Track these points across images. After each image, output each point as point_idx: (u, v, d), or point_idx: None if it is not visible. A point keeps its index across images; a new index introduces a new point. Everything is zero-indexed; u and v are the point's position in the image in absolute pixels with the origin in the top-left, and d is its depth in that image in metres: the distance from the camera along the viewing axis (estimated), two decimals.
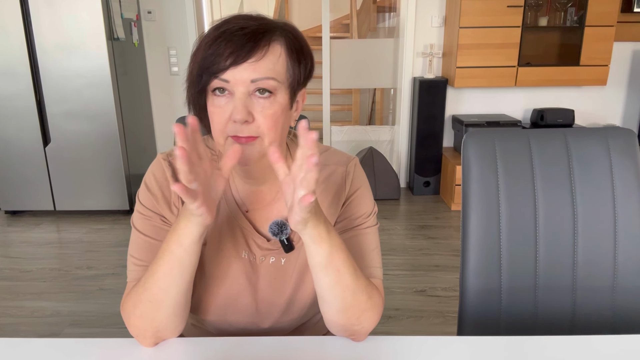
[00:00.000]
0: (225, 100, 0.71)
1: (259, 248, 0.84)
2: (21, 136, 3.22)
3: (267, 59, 0.70)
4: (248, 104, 0.70)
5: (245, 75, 0.69)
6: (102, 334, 2.05)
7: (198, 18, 3.69)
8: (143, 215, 0.82)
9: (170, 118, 3.81)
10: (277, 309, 0.85)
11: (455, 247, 2.85)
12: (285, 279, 0.84)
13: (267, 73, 0.70)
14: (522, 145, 1.04)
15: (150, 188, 0.82)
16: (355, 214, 0.85)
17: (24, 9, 2.99)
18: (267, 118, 0.71)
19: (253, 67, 0.69)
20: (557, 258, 1.03)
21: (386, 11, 5.38)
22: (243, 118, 0.70)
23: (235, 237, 0.83)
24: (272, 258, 0.84)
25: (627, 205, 1.01)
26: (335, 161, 0.88)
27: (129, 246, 0.83)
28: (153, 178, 0.83)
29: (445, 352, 0.77)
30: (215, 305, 0.84)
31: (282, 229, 0.81)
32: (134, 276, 0.80)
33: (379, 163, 3.63)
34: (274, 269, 0.84)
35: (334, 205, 0.85)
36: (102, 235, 3.09)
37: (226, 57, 0.69)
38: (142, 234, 0.82)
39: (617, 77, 3.73)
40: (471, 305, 1.04)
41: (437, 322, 2.11)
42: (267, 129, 0.72)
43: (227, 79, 0.70)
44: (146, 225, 0.82)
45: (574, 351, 0.77)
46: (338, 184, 0.85)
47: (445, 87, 3.56)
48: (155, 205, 0.82)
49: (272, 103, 0.72)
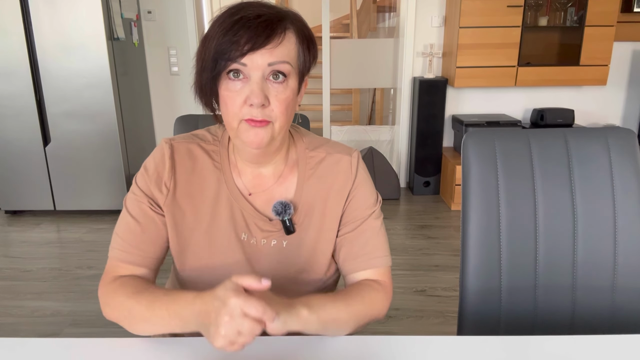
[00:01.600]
0: (241, 85, 0.74)
1: (260, 230, 0.85)
2: (21, 136, 3.22)
3: (283, 46, 0.73)
4: (264, 88, 0.73)
5: (263, 60, 0.72)
6: (102, 334, 2.05)
7: (198, 18, 3.69)
8: (135, 196, 0.85)
9: (171, 118, 3.81)
10: (279, 289, 0.86)
11: (455, 247, 2.85)
12: (288, 261, 0.86)
13: (283, 57, 0.73)
14: (522, 145, 1.04)
15: (147, 169, 0.85)
16: (362, 205, 0.88)
17: (24, 9, 2.99)
18: (281, 102, 0.75)
19: (270, 52, 0.72)
20: (557, 258, 1.03)
21: (386, 11, 5.38)
22: (260, 102, 0.73)
23: (235, 220, 0.85)
24: (273, 241, 0.86)
25: (627, 205, 1.01)
26: (339, 150, 0.91)
27: (116, 223, 0.86)
28: (152, 160, 0.86)
29: (445, 352, 0.77)
30: (213, 285, 0.84)
31: (286, 209, 0.84)
32: (114, 255, 0.84)
33: (379, 163, 3.63)
34: (276, 251, 0.86)
35: (341, 193, 0.88)
36: (102, 235, 3.09)
37: (244, 44, 0.71)
38: (129, 214, 0.84)
39: (617, 77, 3.73)
40: (471, 305, 1.04)
41: (437, 322, 2.11)
42: (280, 113, 0.75)
43: (245, 62, 0.72)
44: (134, 207, 0.84)
45: (574, 351, 0.77)
46: (344, 172, 0.88)
47: (445, 87, 3.56)
48: (147, 186, 0.84)
49: (285, 88, 0.75)
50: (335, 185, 0.87)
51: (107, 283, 0.82)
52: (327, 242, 0.88)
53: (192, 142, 0.87)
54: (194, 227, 0.85)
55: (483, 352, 0.77)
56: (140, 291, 0.77)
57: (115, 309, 0.79)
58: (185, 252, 0.85)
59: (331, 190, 0.87)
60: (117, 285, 0.80)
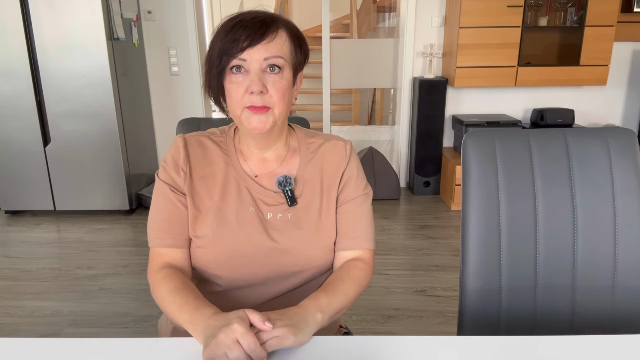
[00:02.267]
0: (242, 77, 0.86)
1: (266, 205, 0.96)
2: (21, 136, 3.22)
3: (276, 42, 0.86)
4: (262, 78, 0.86)
5: (259, 55, 0.85)
6: (102, 334, 2.05)
7: (198, 18, 3.69)
8: (159, 188, 0.96)
9: (170, 118, 3.81)
10: (287, 258, 0.94)
11: (455, 247, 2.85)
12: (294, 231, 0.94)
13: (277, 52, 0.86)
14: (522, 145, 1.04)
15: (166, 161, 0.97)
16: (353, 186, 0.99)
17: (24, 9, 2.99)
18: (278, 90, 0.87)
19: (265, 47, 0.85)
20: (557, 258, 1.03)
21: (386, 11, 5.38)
22: (259, 89, 0.85)
23: (242, 196, 0.96)
24: (279, 214, 0.95)
25: (627, 205, 1.01)
26: (335, 138, 1.02)
27: (148, 217, 0.98)
28: (169, 154, 0.97)
29: (445, 352, 0.77)
30: (226, 254, 0.93)
31: (287, 180, 0.95)
32: (153, 244, 0.95)
33: (379, 163, 3.63)
34: (282, 222, 0.95)
35: (337, 172, 0.98)
36: (102, 235, 3.09)
37: (243, 40, 0.84)
38: (158, 206, 0.96)
39: (617, 77, 3.73)
40: (471, 305, 1.04)
41: (437, 322, 2.11)
42: (278, 99, 0.87)
43: (244, 57, 0.85)
44: (160, 198, 0.96)
45: (574, 351, 0.77)
46: (340, 155, 1.00)
47: (445, 87, 3.56)
48: (168, 175, 0.95)
49: (281, 78, 0.87)
50: (332, 164, 0.99)
51: (155, 271, 0.92)
52: (329, 216, 0.97)
53: (202, 136, 1.00)
54: (208, 204, 0.95)
55: (483, 352, 0.77)
56: (178, 289, 0.86)
57: (157, 297, 0.90)
58: (197, 220, 0.94)
59: (329, 170, 0.99)
60: (161, 277, 0.90)
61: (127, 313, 2.20)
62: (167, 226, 0.94)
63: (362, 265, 0.96)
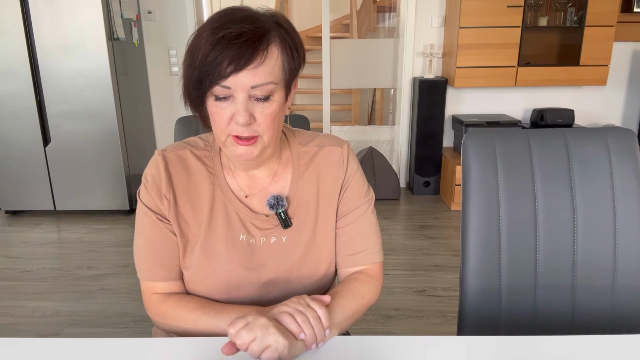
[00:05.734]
0: (227, 103, 0.75)
1: (258, 229, 0.87)
2: (21, 136, 3.22)
3: (266, 64, 0.73)
4: (249, 107, 0.75)
5: (247, 82, 0.73)
6: (102, 334, 2.05)
7: (198, 18, 3.69)
8: (143, 214, 0.88)
9: (170, 118, 3.81)
10: (284, 284, 0.88)
11: (455, 247, 2.85)
12: (290, 256, 0.88)
13: (266, 78, 0.73)
14: (522, 145, 1.04)
15: (146, 185, 0.87)
16: (355, 196, 0.91)
17: (24, 9, 2.99)
18: (266, 118, 0.76)
19: (253, 73, 0.72)
20: (557, 258, 1.03)
21: (386, 11, 5.39)
22: (246, 121, 0.74)
23: (231, 222, 0.87)
24: (273, 238, 0.87)
25: (627, 205, 1.01)
26: (331, 143, 0.93)
27: (134, 243, 0.89)
28: (149, 174, 0.87)
29: (445, 352, 0.77)
30: (218, 287, 0.87)
31: (279, 202, 0.86)
32: (145, 276, 0.88)
33: (379, 163, 3.63)
34: (277, 247, 0.88)
35: (335, 184, 0.90)
36: (102, 235, 3.09)
37: (227, 65, 0.71)
38: (144, 234, 0.87)
39: (617, 77, 3.73)
40: (471, 305, 1.04)
41: (437, 322, 2.11)
42: (267, 127, 0.77)
43: (228, 85, 0.73)
44: (146, 226, 0.87)
45: (574, 351, 0.77)
46: (337, 163, 0.91)
47: (445, 87, 3.56)
48: (151, 200, 0.86)
49: (271, 103, 0.76)
50: (329, 177, 0.90)
51: (158, 304, 0.87)
52: (327, 233, 0.90)
53: (183, 149, 0.89)
54: (196, 232, 0.87)
55: (483, 352, 0.77)
56: (204, 305, 0.84)
57: (177, 322, 0.84)
58: (187, 249, 0.88)
59: (325, 182, 0.90)
60: (173, 304, 0.85)
61: (127, 313, 2.20)
62: (159, 259, 0.86)
63: (370, 279, 0.91)
